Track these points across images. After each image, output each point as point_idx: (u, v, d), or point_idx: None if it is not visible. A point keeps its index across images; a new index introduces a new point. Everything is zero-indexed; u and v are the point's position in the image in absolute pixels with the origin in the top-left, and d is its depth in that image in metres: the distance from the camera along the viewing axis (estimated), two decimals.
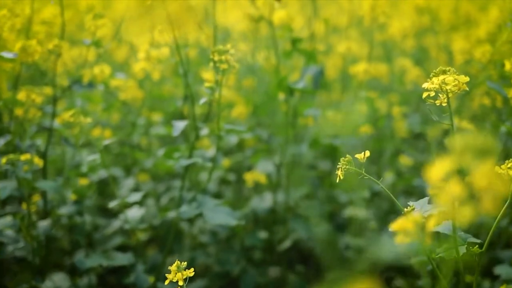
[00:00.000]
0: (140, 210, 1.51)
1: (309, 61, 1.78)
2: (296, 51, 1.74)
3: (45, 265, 1.67)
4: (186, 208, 1.41)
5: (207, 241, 1.85)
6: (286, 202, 1.85)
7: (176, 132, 1.32)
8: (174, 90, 2.32)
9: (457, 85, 0.90)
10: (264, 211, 1.81)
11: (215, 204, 1.42)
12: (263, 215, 1.81)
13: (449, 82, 0.88)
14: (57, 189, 1.47)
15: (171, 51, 1.51)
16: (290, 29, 1.76)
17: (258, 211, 1.79)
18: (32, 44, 1.54)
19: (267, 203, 1.84)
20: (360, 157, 0.92)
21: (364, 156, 0.92)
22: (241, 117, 2.01)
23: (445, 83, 0.89)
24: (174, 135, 1.32)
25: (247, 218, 1.82)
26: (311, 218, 1.80)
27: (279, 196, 1.87)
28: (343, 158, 0.91)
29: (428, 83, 0.92)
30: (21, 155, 1.43)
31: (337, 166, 0.93)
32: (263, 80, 2.20)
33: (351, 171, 0.91)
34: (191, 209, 1.40)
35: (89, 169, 1.59)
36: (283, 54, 1.78)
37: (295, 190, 1.83)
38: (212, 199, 1.46)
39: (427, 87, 0.92)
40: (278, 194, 1.87)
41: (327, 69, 2.42)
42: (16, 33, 1.73)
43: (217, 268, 1.80)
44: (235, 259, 1.79)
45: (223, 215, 1.37)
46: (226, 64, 1.18)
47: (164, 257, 1.63)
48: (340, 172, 0.93)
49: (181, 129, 1.32)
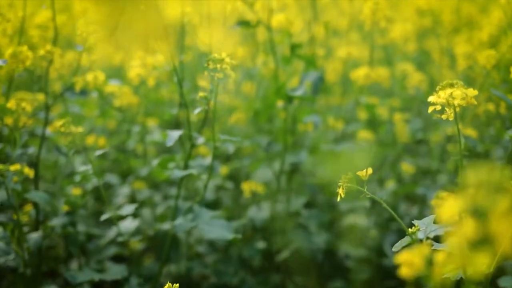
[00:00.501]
0: (134, 221, 1.46)
1: (308, 66, 1.73)
2: (295, 57, 1.69)
3: (38, 275, 1.63)
4: (181, 220, 1.36)
5: (204, 251, 1.81)
6: (285, 212, 1.80)
7: (170, 143, 1.27)
8: (172, 95, 2.27)
9: (465, 99, 0.84)
10: (262, 221, 1.76)
11: (211, 216, 1.37)
12: (261, 225, 1.76)
13: (457, 96, 0.83)
14: (48, 201, 1.43)
15: (166, 57, 1.46)
16: (289, 34, 1.71)
17: (256, 221, 1.75)
18: (23, 50, 1.49)
19: (265, 212, 1.79)
20: (363, 175, 0.87)
21: (367, 174, 0.88)
22: (239, 123, 1.96)
23: (452, 97, 0.84)
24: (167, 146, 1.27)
25: (245, 228, 1.77)
26: (311, 228, 1.75)
27: (278, 205, 1.82)
28: (345, 175, 0.87)
29: (435, 96, 0.87)
30: (11, 165, 1.38)
31: (338, 184, 0.89)
32: (263, 85, 2.15)
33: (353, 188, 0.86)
34: (186, 222, 1.35)
35: (82, 178, 1.54)
36: (282, 60, 1.73)
37: (294, 199, 1.79)
38: (208, 210, 1.41)
39: (433, 101, 0.87)
40: (277, 204, 1.82)
41: (327, 73, 2.38)
42: (9, 38, 1.69)
43: (215, 279, 1.76)
44: (233, 270, 1.74)
45: (219, 228, 1.32)
46: (222, 73, 1.13)
47: (160, 267, 1.59)
48: (341, 190, 0.88)
49: (175, 139, 1.28)
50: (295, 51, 1.69)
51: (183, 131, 1.32)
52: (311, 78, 1.69)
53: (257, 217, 1.78)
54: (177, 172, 1.31)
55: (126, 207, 1.40)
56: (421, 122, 2.70)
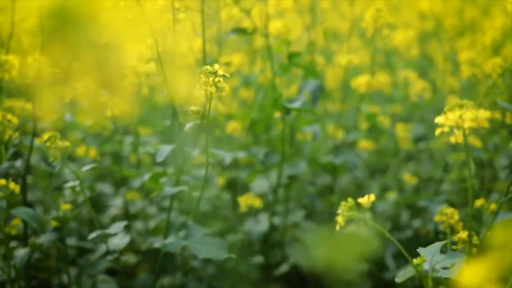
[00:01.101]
0: (124, 238, 1.40)
1: (307, 75, 1.66)
2: (293, 65, 1.63)
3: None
4: (172, 239, 1.30)
5: (199, 265, 1.75)
6: (283, 225, 1.74)
7: (160, 158, 1.21)
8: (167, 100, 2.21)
9: (476, 121, 0.78)
10: (260, 235, 1.70)
11: (205, 234, 1.31)
12: (259, 239, 1.70)
13: (467, 119, 0.77)
14: (34, 217, 1.36)
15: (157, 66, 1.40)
16: (287, 41, 1.64)
17: (253, 235, 1.68)
18: (9, 59, 1.43)
19: (262, 225, 1.73)
20: (364, 202, 0.81)
21: (369, 201, 0.81)
22: (236, 132, 1.90)
23: (462, 119, 0.77)
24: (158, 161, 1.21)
25: (242, 242, 1.71)
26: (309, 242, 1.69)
27: (275, 218, 1.76)
28: (345, 202, 0.80)
29: (443, 118, 0.80)
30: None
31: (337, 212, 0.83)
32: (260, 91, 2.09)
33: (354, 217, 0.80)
34: (177, 240, 1.29)
35: (72, 192, 1.48)
36: (279, 69, 1.67)
37: (292, 212, 1.72)
38: (202, 228, 1.35)
39: (441, 123, 0.80)
40: (274, 217, 1.76)
41: (327, 79, 2.31)
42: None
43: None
44: (228, 285, 1.68)
45: (213, 247, 1.26)
46: (214, 87, 1.07)
47: (154, 282, 1.53)
48: (340, 219, 0.82)
49: (166, 155, 1.21)
50: (293, 60, 1.63)
51: (174, 145, 1.25)
52: (310, 87, 1.62)
53: (254, 230, 1.72)
54: (168, 189, 1.25)
55: (115, 225, 1.33)
56: (423, 128, 2.65)
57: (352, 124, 2.18)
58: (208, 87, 1.06)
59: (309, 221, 1.93)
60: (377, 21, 1.64)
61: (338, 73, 2.24)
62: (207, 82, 1.06)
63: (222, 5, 1.55)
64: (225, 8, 1.53)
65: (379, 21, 1.64)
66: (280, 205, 1.93)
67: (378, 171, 2.59)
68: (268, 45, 1.57)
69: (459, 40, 2.57)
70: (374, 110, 2.03)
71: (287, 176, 1.67)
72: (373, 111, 1.98)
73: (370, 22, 1.64)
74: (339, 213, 0.83)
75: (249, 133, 1.98)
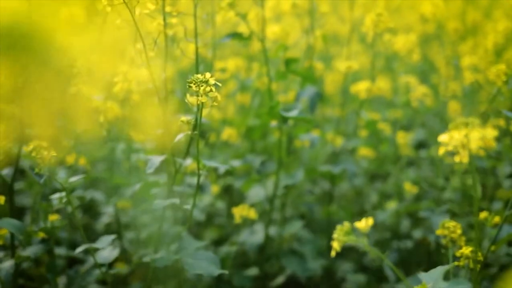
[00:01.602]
0: (113, 251, 1.34)
1: (305, 81, 1.61)
2: (290, 72, 1.57)
3: None
4: (163, 253, 1.25)
5: (193, 277, 1.69)
6: (280, 236, 1.68)
7: (150, 170, 1.15)
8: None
9: (483, 141, 0.72)
10: (255, 247, 1.64)
11: (197, 247, 1.26)
12: (254, 250, 1.64)
13: (474, 138, 0.71)
14: (20, 229, 1.31)
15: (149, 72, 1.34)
16: (284, 47, 1.59)
17: (248, 247, 1.63)
18: None
19: (258, 236, 1.67)
20: (362, 226, 0.76)
21: (367, 225, 0.76)
22: (231, 139, 1.85)
23: (468, 139, 0.72)
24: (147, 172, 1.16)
25: (236, 253, 1.65)
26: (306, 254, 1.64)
27: (271, 229, 1.70)
28: (341, 226, 0.75)
29: (447, 136, 0.75)
30: None
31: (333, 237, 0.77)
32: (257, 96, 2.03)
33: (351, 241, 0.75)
34: (168, 255, 1.24)
35: (60, 203, 1.43)
36: (276, 75, 1.61)
37: (289, 224, 1.67)
38: (194, 241, 1.29)
39: (445, 142, 0.74)
40: (270, 227, 1.70)
41: (326, 84, 2.26)
42: None
43: None
44: None
45: (205, 262, 1.21)
46: (205, 97, 1.01)
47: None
48: (336, 244, 0.76)
49: (156, 166, 1.16)
50: (290, 66, 1.57)
51: (165, 156, 1.20)
52: (308, 94, 1.57)
53: (249, 241, 1.66)
54: (159, 202, 1.19)
55: (104, 238, 1.28)
56: (424, 133, 2.59)
57: (352, 130, 2.12)
58: (199, 97, 1.01)
59: (306, 230, 1.88)
60: (378, 25, 1.59)
61: (338, 78, 2.19)
62: (198, 92, 1.01)
63: (217, 8, 1.49)
64: (220, 11, 1.47)
65: (380, 26, 1.59)
66: (276, 213, 1.87)
67: (378, 177, 2.53)
68: (265, 50, 1.52)
69: (461, 44, 2.52)
70: (374, 116, 1.97)
71: (283, 186, 1.62)
72: (373, 118, 1.92)
73: (370, 27, 1.59)
74: (335, 238, 0.77)
75: (246, 139, 1.92)
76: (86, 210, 2.18)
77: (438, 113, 2.60)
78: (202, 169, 1.13)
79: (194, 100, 1.03)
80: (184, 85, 1.32)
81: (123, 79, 1.45)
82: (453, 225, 1.34)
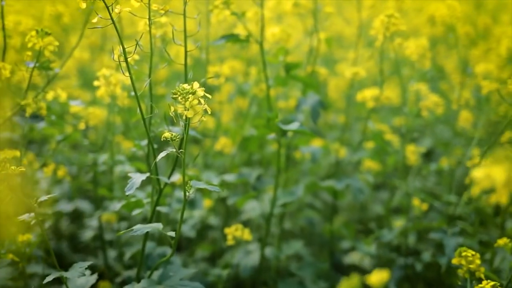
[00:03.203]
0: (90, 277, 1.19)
1: (307, 88, 1.46)
2: (291, 78, 1.43)
3: None
4: (144, 283, 1.10)
5: None
6: (276, 258, 1.53)
7: (129, 191, 1.01)
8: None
9: None
10: (249, 269, 1.49)
11: (182, 275, 1.11)
12: (248, 274, 1.49)
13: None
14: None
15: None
16: (285, 51, 1.44)
17: (243, 270, 1.48)
18: None
19: (253, 258, 1.52)
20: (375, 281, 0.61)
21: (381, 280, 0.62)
22: (225, 150, 1.70)
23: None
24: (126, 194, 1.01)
25: (229, 277, 1.51)
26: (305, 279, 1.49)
27: (267, 250, 1.55)
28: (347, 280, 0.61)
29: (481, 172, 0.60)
30: None
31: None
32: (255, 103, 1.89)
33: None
34: (150, 285, 1.09)
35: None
36: (275, 81, 1.46)
37: (286, 246, 1.52)
38: (181, 268, 1.15)
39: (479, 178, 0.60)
40: (267, 248, 1.55)
41: (329, 90, 2.11)
42: None
43: None
44: None
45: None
46: (192, 111, 0.86)
47: None
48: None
49: (137, 186, 1.02)
50: (291, 72, 1.42)
51: (148, 174, 1.05)
52: (310, 103, 1.42)
53: (243, 262, 1.52)
54: (139, 226, 1.04)
55: (77, 265, 1.12)
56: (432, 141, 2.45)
57: (357, 139, 1.98)
58: (184, 111, 0.86)
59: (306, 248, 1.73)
60: (389, 28, 1.44)
61: (342, 83, 2.04)
62: (184, 105, 0.86)
63: (211, 7, 1.34)
64: (214, 10, 1.32)
65: (391, 28, 1.44)
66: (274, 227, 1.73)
67: (383, 187, 2.39)
68: (263, 54, 1.37)
69: (473, 49, 2.38)
70: (381, 127, 1.82)
71: (281, 204, 1.47)
72: (380, 129, 1.77)
73: (380, 30, 1.44)
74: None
75: (241, 149, 1.78)
76: (74, 219, 2.05)
77: (447, 121, 2.46)
78: (188, 190, 0.99)
79: (181, 111, 0.88)
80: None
81: (105, 83, 1.30)
82: (471, 255, 1.20)
